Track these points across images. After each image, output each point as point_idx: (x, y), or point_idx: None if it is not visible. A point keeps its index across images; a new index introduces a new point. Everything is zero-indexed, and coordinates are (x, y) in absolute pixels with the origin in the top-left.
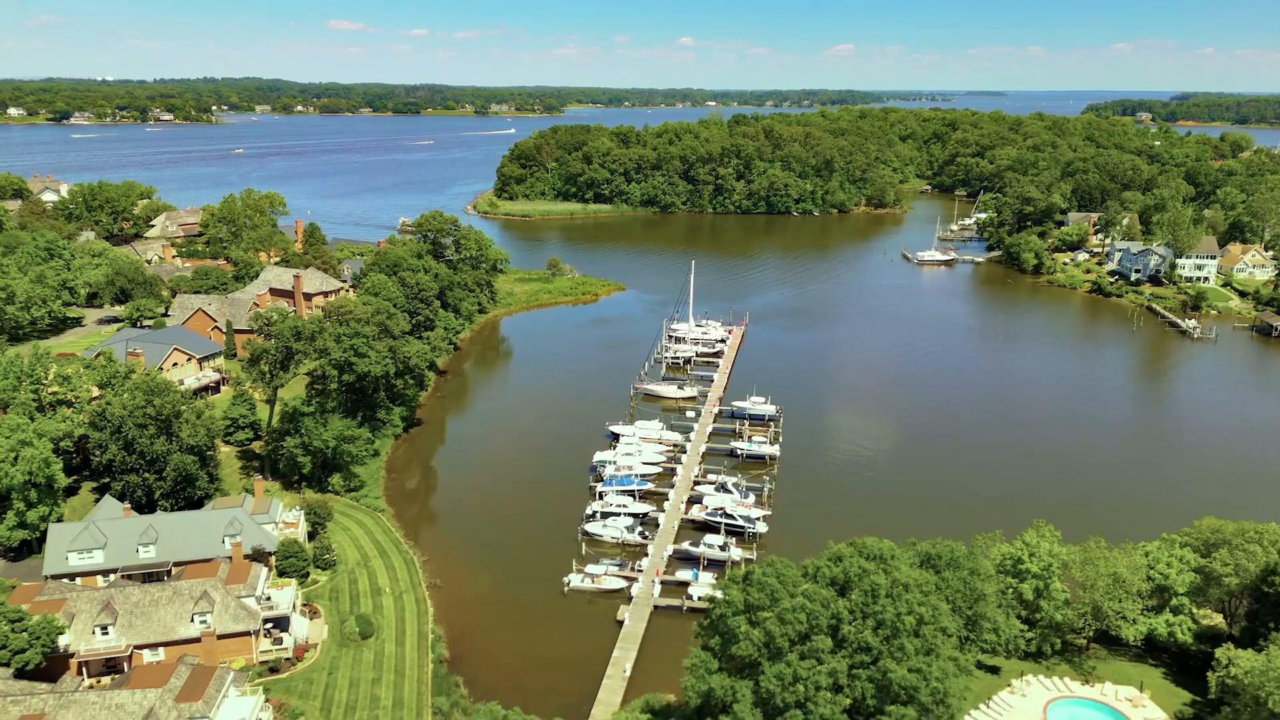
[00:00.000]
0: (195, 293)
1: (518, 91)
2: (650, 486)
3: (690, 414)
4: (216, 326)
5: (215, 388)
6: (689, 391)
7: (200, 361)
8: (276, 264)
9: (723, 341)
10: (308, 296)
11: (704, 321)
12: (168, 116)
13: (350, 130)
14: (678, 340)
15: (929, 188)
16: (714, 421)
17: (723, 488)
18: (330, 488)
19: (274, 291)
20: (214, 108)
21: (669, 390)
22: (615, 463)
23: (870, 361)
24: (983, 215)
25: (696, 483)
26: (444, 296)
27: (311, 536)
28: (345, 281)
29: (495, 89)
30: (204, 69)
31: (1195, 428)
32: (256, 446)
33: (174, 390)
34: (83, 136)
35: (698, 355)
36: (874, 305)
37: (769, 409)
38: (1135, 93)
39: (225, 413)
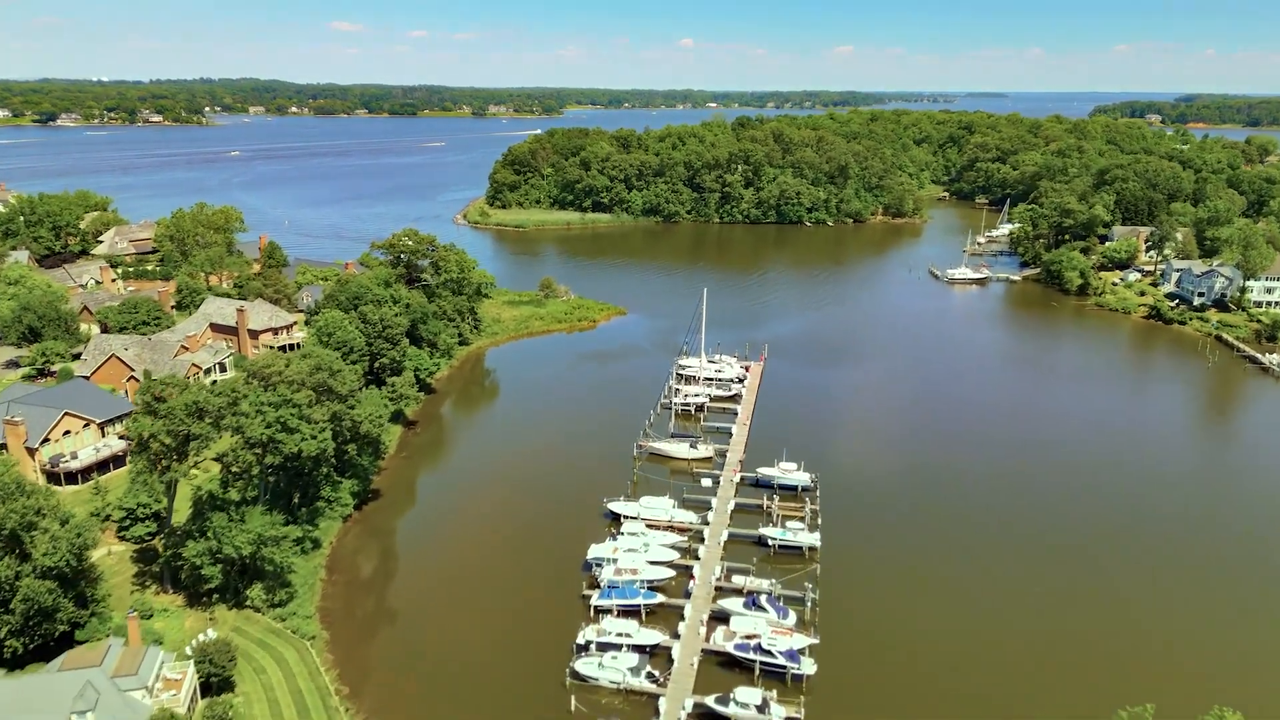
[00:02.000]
0: (123, 329)
1: (516, 92)
2: (660, 599)
3: (706, 481)
4: (133, 376)
5: (121, 459)
6: (704, 451)
7: (102, 427)
8: (219, 294)
9: (740, 381)
10: (254, 334)
11: (717, 357)
12: (157, 118)
13: (346, 132)
14: (688, 380)
15: (946, 194)
16: (735, 493)
17: (753, 602)
18: (249, 602)
19: (215, 328)
20: (206, 109)
21: (679, 449)
22: (615, 561)
23: (912, 409)
24: (1010, 226)
25: (719, 588)
26: (417, 330)
27: (207, 690)
28: (303, 311)
29: (494, 90)
30: (202, 70)
31: None
32: (161, 543)
33: (32, 491)
34: (71, 139)
35: (711, 399)
36: (906, 334)
37: (802, 477)
38: (1139, 94)
39: (120, 500)
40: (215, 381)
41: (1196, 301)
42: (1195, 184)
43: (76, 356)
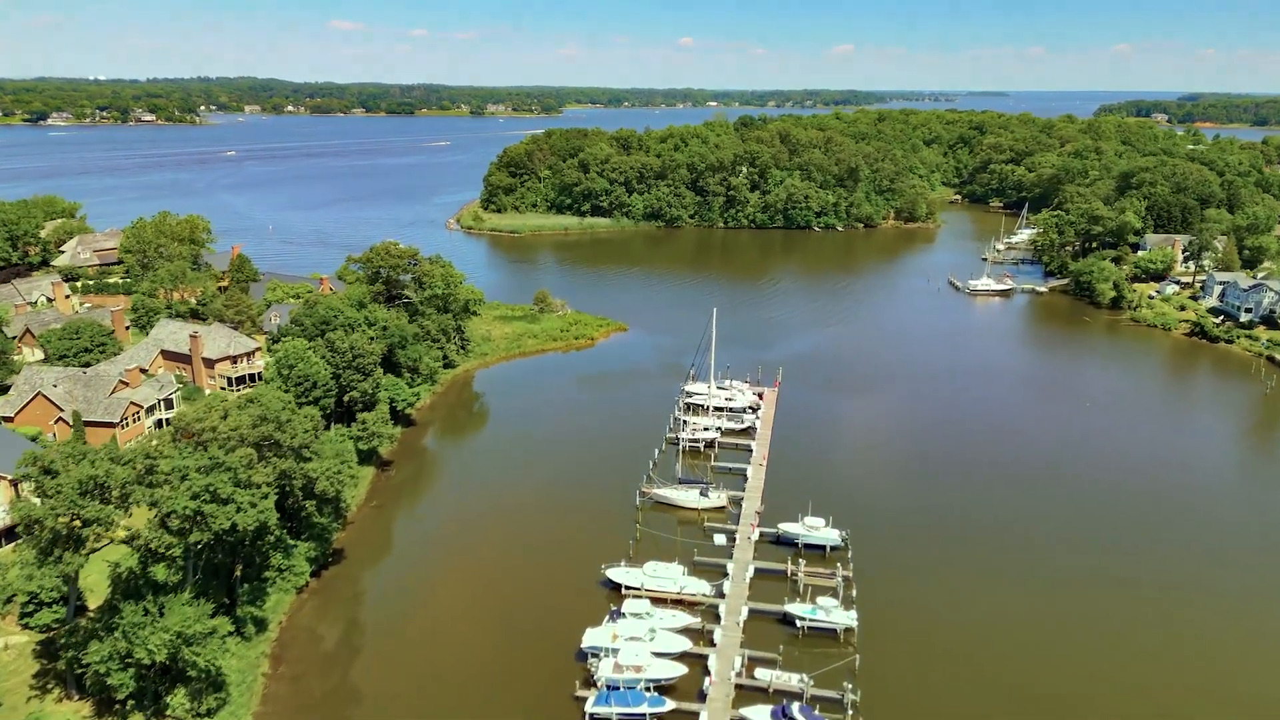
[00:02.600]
0: (63, 357)
1: (515, 91)
2: (669, 705)
3: (720, 538)
4: (62, 418)
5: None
6: (716, 500)
7: (15, 484)
8: (179, 313)
9: (754, 411)
10: (209, 363)
11: (728, 383)
12: (150, 117)
13: (342, 132)
14: (696, 409)
15: (958, 197)
16: (754, 553)
17: (782, 713)
18: (170, 711)
19: (167, 356)
20: (201, 108)
21: (688, 497)
22: (615, 652)
23: (945, 444)
24: (1029, 232)
25: (739, 686)
26: (394, 356)
27: None
28: (269, 334)
29: (493, 89)
30: (201, 69)
31: None
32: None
33: None
34: (59, 136)
35: (723, 433)
36: (930, 353)
37: (831, 535)
38: (1141, 93)
39: (12, 582)
40: (162, 422)
41: (1244, 318)
42: (1224, 188)
43: (6, 389)
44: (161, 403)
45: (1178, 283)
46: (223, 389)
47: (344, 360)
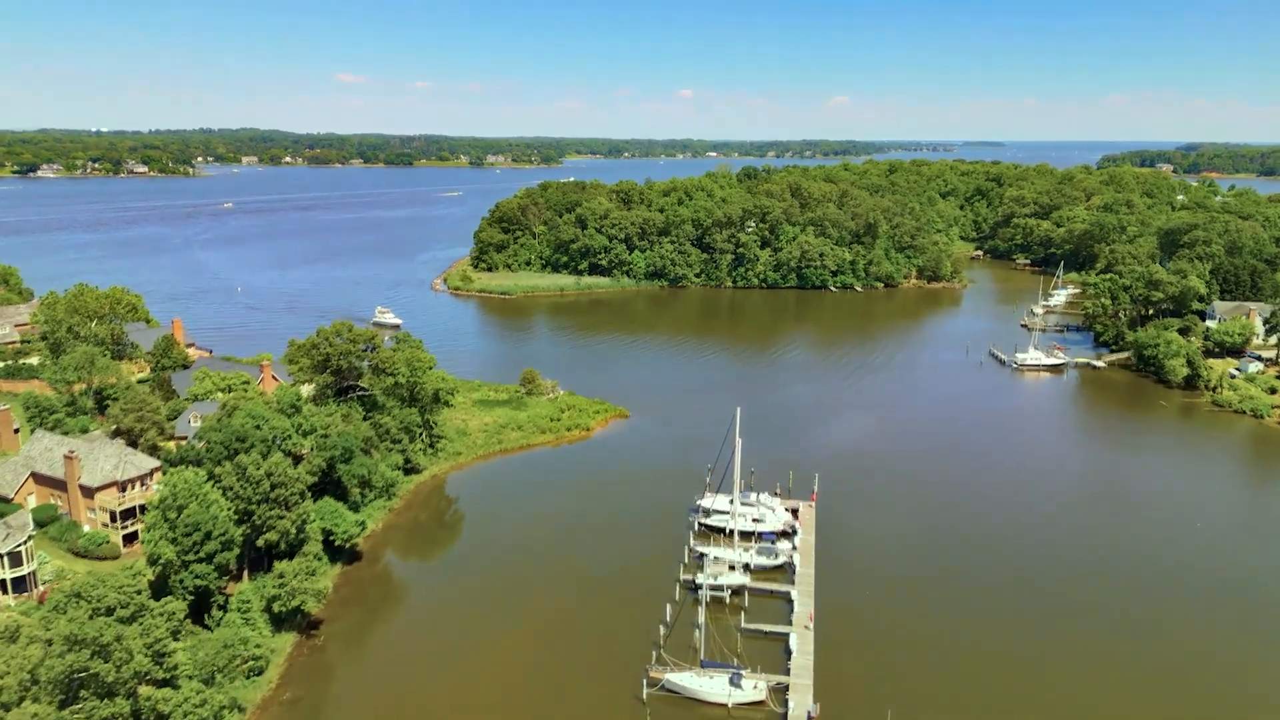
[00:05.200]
0: None
1: (516, 142)
2: None
3: None
4: None
5: None
6: (752, 692)
7: None
8: (52, 429)
9: (789, 536)
10: (88, 491)
11: (753, 497)
12: (143, 169)
13: (337, 183)
14: (714, 534)
15: (979, 253)
16: None
17: None
18: None
19: (40, 479)
20: (198, 159)
21: (714, 688)
22: None
23: (1033, 594)
24: (1064, 293)
25: None
26: (335, 472)
27: None
28: (184, 442)
29: (493, 139)
30: (204, 120)
31: None
32: None
33: None
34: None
35: (755, 574)
36: (986, 448)
37: None
38: (1140, 143)
39: None
40: (6, 585)
41: None
42: (1278, 245)
43: None
44: (7, 557)
45: (1258, 358)
46: (105, 526)
47: (258, 492)
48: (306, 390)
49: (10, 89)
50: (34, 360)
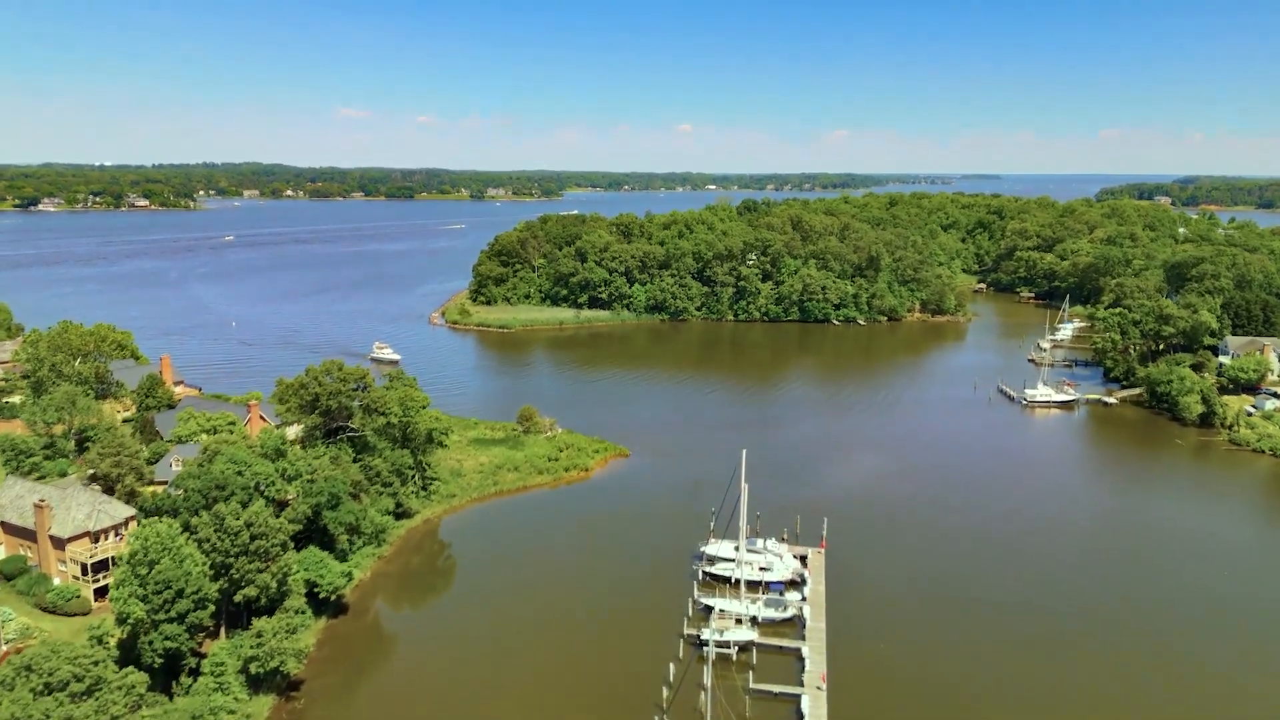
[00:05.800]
0: None
1: (517, 175)
2: None
3: None
4: None
5: None
6: None
7: None
8: (27, 474)
9: (798, 586)
10: (59, 543)
11: (760, 544)
12: (143, 202)
13: (341, 217)
14: (718, 583)
15: (982, 286)
16: None
17: None
18: None
19: (9, 529)
20: (200, 193)
21: None
22: None
23: (1061, 642)
24: (1070, 326)
25: None
26: (321, 519)
27: None
28: (166, 482)
29: (494, 173)
30: (207, 154)
31: None
32: None
33: None
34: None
35: (763, 627)
36: (995, 487)
37: None
38: (1137, 176)
39: None
40: None
41: None
42: None
43: None
44: None
45: (1275, 394)
46: (76, 579)
47: (237, 544)
48: (294, 432)
49: (15, 124)
50: (16, 399)
